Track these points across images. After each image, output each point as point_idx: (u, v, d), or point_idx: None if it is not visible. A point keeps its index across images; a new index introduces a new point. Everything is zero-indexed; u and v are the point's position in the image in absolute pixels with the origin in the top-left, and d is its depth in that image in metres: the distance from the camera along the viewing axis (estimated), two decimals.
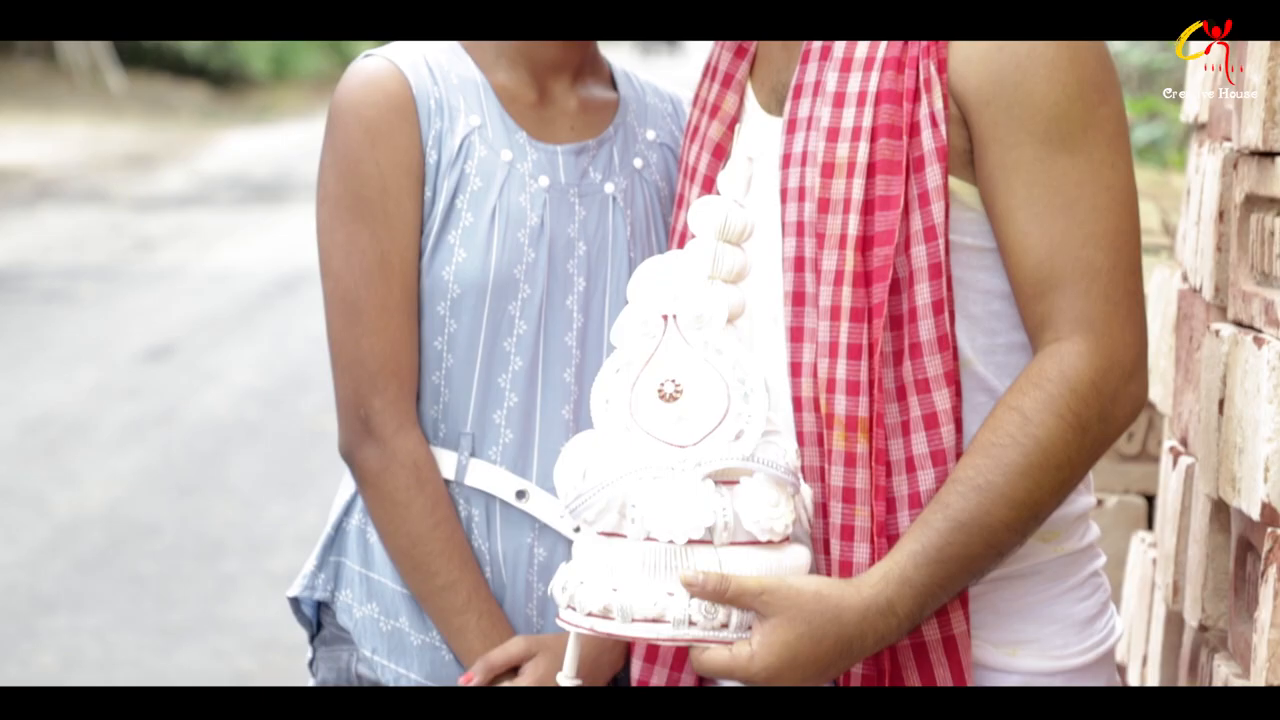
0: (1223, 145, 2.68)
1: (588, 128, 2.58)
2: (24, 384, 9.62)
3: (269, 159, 20.35)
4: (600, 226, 2.55)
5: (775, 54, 2.44)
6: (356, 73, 2.52)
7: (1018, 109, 2.23)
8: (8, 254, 13.50)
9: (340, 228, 2.48)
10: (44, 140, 20.74)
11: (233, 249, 14.11)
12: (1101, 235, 2.24)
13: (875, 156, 2.27)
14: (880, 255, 2.27)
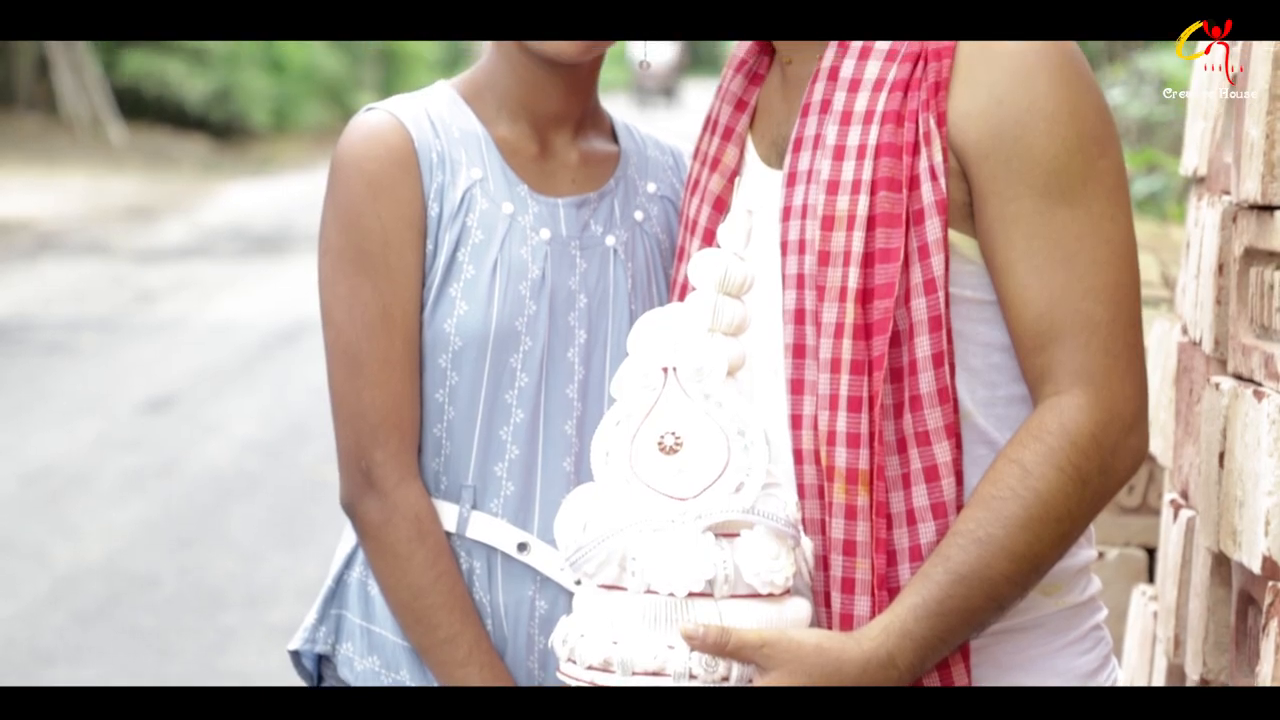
0: (1222, 199, 2.68)
1: (589, 180, 2.59)
2: (25, 436, 9.61)
3: (270, 210, 20.39)
4: (601, 279, 2.55)
5: (775, 107, 2.45)
6: (358, 126, 2.53)
7: (1017, 162, 2.24)
8: (9, 306, 13.51)
9: (342, 280, 2.49)
10: (45, 192, 20.78)
11: (233, 300, 14.12)
12: (1101, 288, 2.24)
13: (875, 209, 2.28)
14: (880, 308, 2.27)
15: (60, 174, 22.48)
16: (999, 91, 2.25)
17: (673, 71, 37.15)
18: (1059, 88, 2.24)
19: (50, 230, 18.03)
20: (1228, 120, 2.76)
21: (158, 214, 19.92)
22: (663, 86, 37.10)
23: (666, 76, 36.14)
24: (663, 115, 31.93)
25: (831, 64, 2.35)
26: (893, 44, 2.31)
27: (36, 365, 11.37)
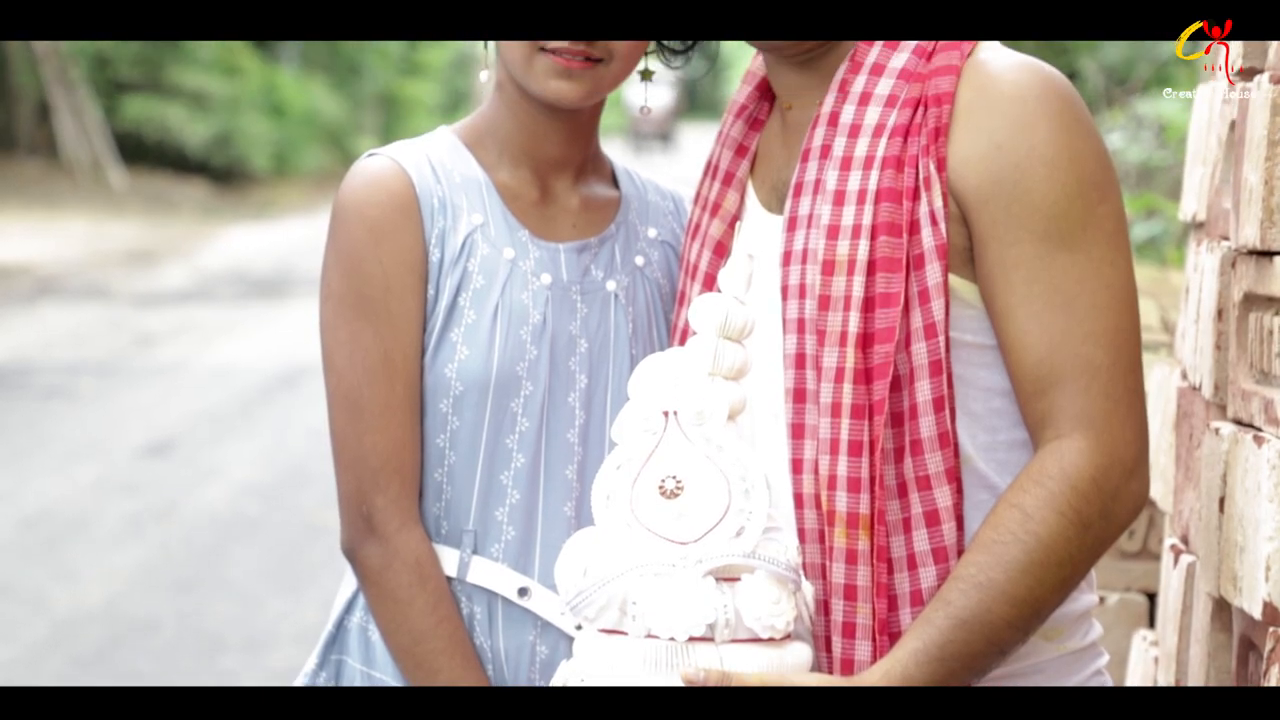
0: (1221, 244, 2.69)
1: (590, 225, 2.60)
2: (24, 480, 9.60)
3: (269, 254, 20.41)
4: (602, 324, 2.56)
5: (776, 152, 2.46)
6: (360, 172, 2.53)
7: (1017, 207, 2.25)
8: (8, 351, 13.52)
9: (343, 325, 2.49)
10: (45, 237, 20.80)
11: (233, 344, 14.12)
12: (1101, 333, 2.25)
13: (875, 254, 2.29)
14: (881, 352, 2.28)
15: (61, 218, 22.51)
16: (999, 137, 2.26)
17: (669, 116, 36.75)
18: (1058, 133, 2.25)
19: (50, 274, 18.05)
20: (1226, 166, 2.77)
21: (158, 258, 19.94)
22: (659, 131, 36.78)
23: (663, 121, 35.72)
24: (659, 160, 31.92)
25: (831, 109, 2.35)
26: (892, 90, 2.32)
27: (36, 409, 11.37)
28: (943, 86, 2.30)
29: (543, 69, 2.47)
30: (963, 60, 2.31)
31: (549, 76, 2.47)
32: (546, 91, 2.48)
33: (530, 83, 2.49)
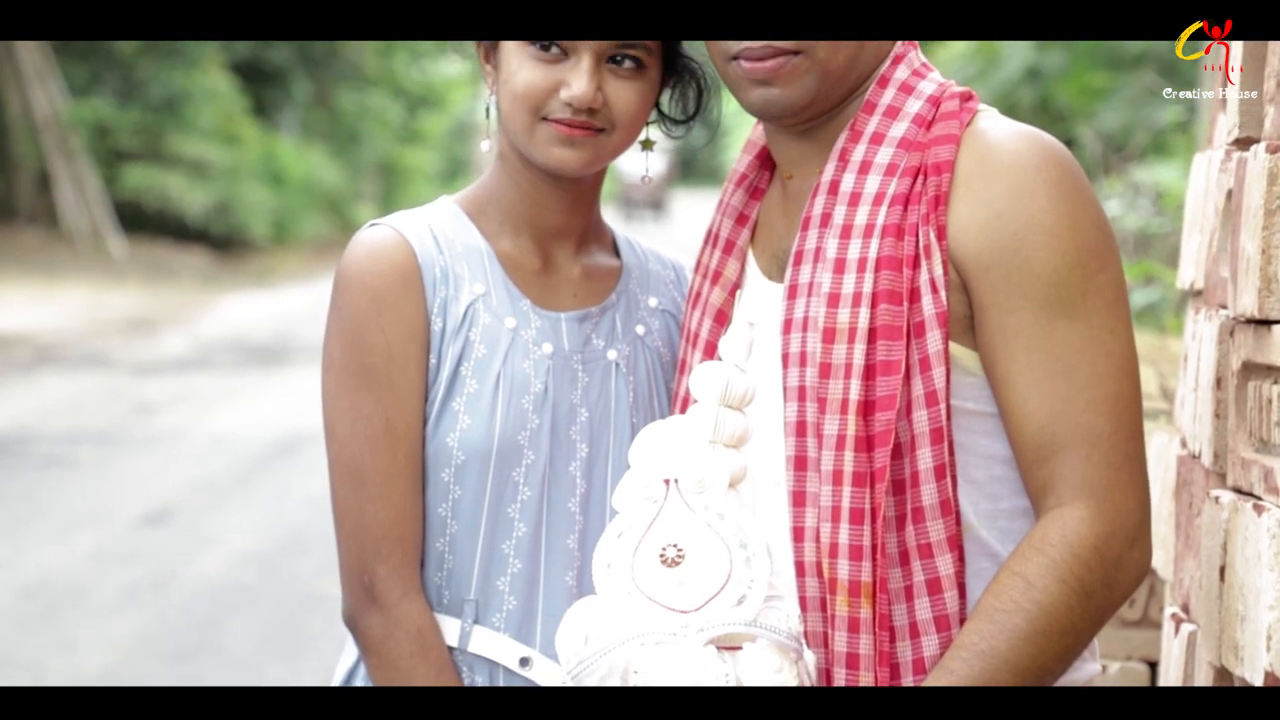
0: (1219, 312, 2.69)
1: (591, 295, 2.60)
2: (22, 550, 9.58)
3: (268, 322, 20.43)
4: (603, 393, 2.56)
5: (776, 221, 2.47)
6: (362, 241, 2.54)
7: (1017, 275, 2.25)
8: (7, 420, 13.50)
9: (345, 395, 2.50)
10: (45, 306, 20.82)
11: (231, 412, 14.11)
12: (1102, 400, 2.25)
13: (876, 322, 2.29)
14: (882, 420, 2.28)
15: (60, 287, 22.54)
16: (999, 205, 2.27)
17: (662, 184, 36.12)
18: (1058, 201, 2.26)
19: (49, 343, 18.05)
20: (1224, 234, 2.77)
21: (157, 326, 19.95)
22: (651, 199, 36.25)
23: (654, 189, 35.01)
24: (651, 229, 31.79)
25: (832, 178, 2.37)
26: (892, 158, 2.33)
27: (34, 478, 11.35)
28: (942, 155, 2.31)
29: (545, 137, 2.48)
30: (962, 129, 2.33)
31: (551, 145, 2.48)
32: (549, 160, 2.49)
33: (532, 151, 2.50)
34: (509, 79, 2.50)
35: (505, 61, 2.51)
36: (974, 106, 2.37)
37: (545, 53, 2.48)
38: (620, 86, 2.49)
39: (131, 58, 25.56)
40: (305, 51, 29.43)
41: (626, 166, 2.62)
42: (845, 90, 2.39)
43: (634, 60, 2.49)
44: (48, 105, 24.62)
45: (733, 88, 2.42)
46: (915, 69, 2.41)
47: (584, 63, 2.46)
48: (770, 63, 2.34)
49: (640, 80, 2.50)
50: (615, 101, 2.48)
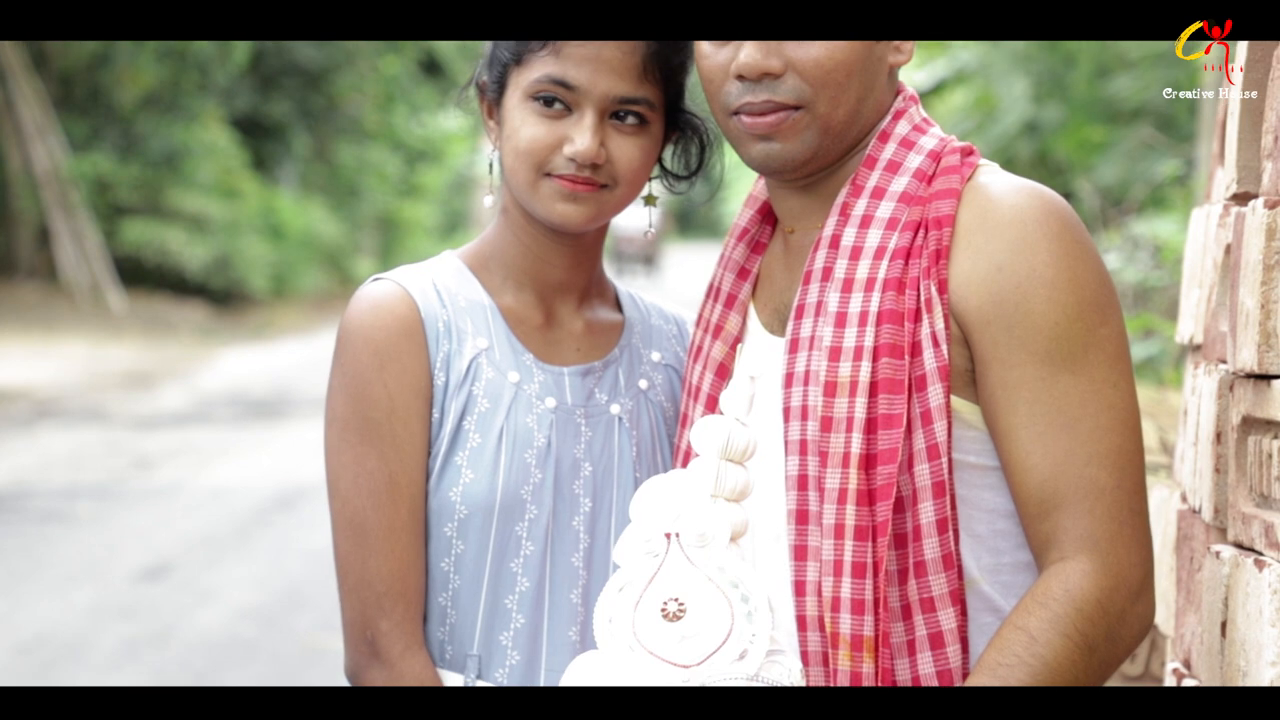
0: (1218, 367, 2.70)
1: (594, 349, 2.61)
2: (19, 605, 9.55)
3: (267, 376, 20.42)
4: (606, 447, 2.57)
5: (777, 275, 2.48)
6: (365, 296, 2.55)
7: (1019, 329, 2.26)
8: (5, 475, 13.48)
9: (348, 449, 2.50)
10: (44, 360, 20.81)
11: (230, 466, 14.10)
12: (1105, 454, 2.25)
13: (877, 376, 2.30)
14: (884, 473, 2.28)
15: (60, 342, 22.54)
16: (999, 259, 2.27)
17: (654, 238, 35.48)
18: (1059, 255, 2.27)
19: (48, 398, 18.04)
20: (1222, 289, 2.78)
21: (156, 380, 19.95)
22: (642, 254, 35.76)
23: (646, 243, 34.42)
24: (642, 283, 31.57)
25: (833, 232, 2.37)
26: (893, 213, 2.34)
27: (33, 534, 11.33)
28: (943, 209, 2.32)
29: (548, 193, 2.49)
30: (963, 183, 2.34)
31: (554, 200, 2.49)
32: (552, 215, 2.50)
33: (535, 206, 2.51)
34: (512, 134, 2.51)
35: (508, 117, 2.52)
36: (975, 161, 2.38)
37: (548, 108, 2.49)
38: (623, 142, 2.50)
39: (131, 113, 25.62)
40: (304, 106, 29.50)
41: (619, 220, 2.60)
42: (846, 145, 2.40)
43: (637, 116, 2.50)
44: (48, 160, 24.66)
45: (734, 142, 2.43)
46: (916, 124, 2.42)
47: (587, 118, 2.48)
48: (771, 117, 2.35)
49: (643, 136, 2.51)
50: (618, 157, 2.50)
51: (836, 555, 2.28)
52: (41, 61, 25.27)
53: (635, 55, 2.49)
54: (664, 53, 2.51)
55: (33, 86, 24.33)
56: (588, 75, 2.48)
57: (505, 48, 2.54)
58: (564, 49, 2.48)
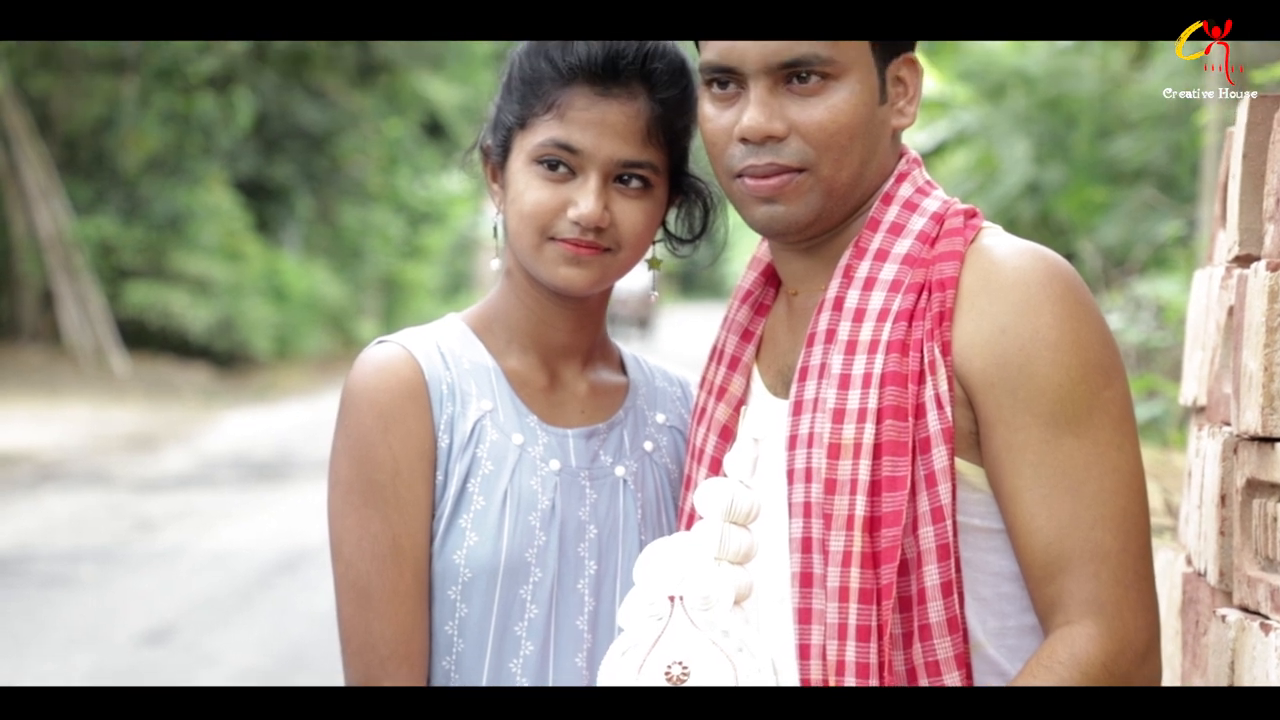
0: (1222, 429, 2.70)
1: (598, 411, 2.61)
2: (22, 669, 9.52)
3: (270, 438, 20.41)
4: (611, 509, 2.56)
5: (781, 337, 2.48)
6: (369, 359, 2.55)
7: (1023, 391, 2.26)
8: (9, 538, 13.46)
9: (352, 512, 2.50)
10: (48, 423, 20.81)
11: (232, 529, 14.07)
12: (1110, 517, 2.25)
13: (881, 438, 2.29)
14: (888, 536, 2.27)
15: (63, 405, 22.54)
16: (1003, 321, 2.28)
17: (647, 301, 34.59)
18: (1063, 318, 2.27)
19: (51, 461, 18.03)
20: (1226, 351, 2.78)
21: (159, 443, 19.94)
22: (636, 317, 35.12)
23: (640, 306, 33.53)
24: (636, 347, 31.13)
25: (836, 294, 2.38)
26: (896, 275, 2.35)
27: (35, 597, 11.31)
28: (947, 271, 2.32)
29: (552, 256, 2.50)
30: (966, 245, 2.34)
31: (558, 264, 2.50)
32: (555, 278, 2.51)
33: (539, 270, 2.52)
34: (516, 198, 2.52)
35: (513, 180, 2.53)
36: (978, 223, 2.39)
37: (553, 172, 2.50)
38: (627, 206, 2.51)
39: (135, 176, 25.71)
40: (308, 168, 29.60)
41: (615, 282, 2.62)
42: (849, 207, 2.41)
43: (641, 179, 2.51)
44: (52, 224, 24.73)
45: (738, 205, 2.43)
46: (919, 187, 2.43)
47: (591, 182, 2.48)
48: (775, 180, 2.36)
49: (647, 199, 2.52)
50: (622, 220, 2.50)
51: (841, 619, 2.27)
52: (46, 125, 25.37)
53: (639, 119, 2.50)
54: (668, 116, 2.52)
55: (37, 150, 24.41)
56: (592, 139, 2.48)
57: (509, 112, 2.55)
58: (568, 112, 2.49)
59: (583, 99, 2.50)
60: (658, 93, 2.51)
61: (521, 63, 2.55)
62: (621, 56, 2.49)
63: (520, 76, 2.54)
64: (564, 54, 2.50)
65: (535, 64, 2.53)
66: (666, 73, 2.52)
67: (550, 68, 2.51)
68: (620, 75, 2.50)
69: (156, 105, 25.61)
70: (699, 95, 2.44)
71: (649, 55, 2.51)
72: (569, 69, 2.50)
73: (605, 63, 2.49)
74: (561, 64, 2.50)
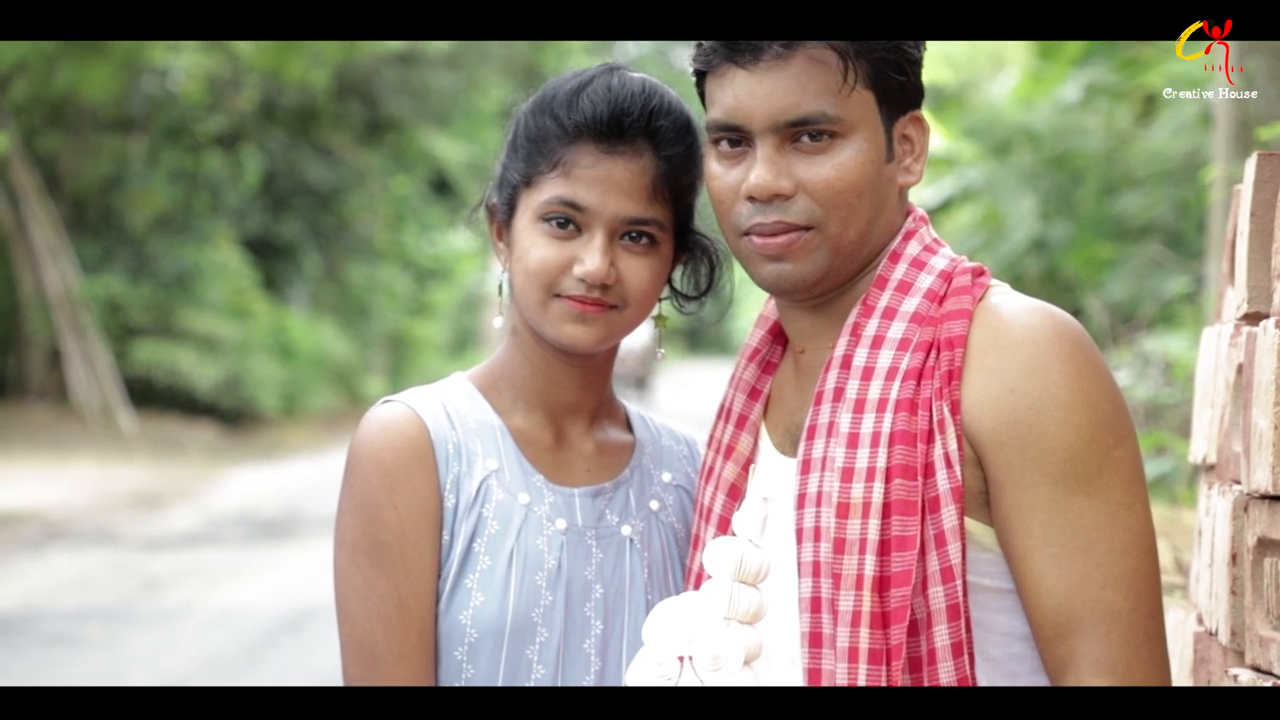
0: (1232, 488, 2.68)
1: (604, 470, 2.60)
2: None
3: (277, 496, 20.40)
4: (617, 569, 2.55)
5: (789, 395, 2.47)
6: (375, 418, 2.55)
7: (1032, 450, 2.25)
8: (14, 598, 13.44)
9: (358, 573, 2.49)
10: (54, 482, 20.81)
11: (239, 587, 14.05)
12: (1121, 577, 2.24)
13: (890, 497, 2.28)
14: (898, 596, 2.26)
15: (70, 463, 22.55)
16: (1012, 380, 2.27)
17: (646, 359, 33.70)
18: (1072, 377, 2.26)
19: (58, 519, 18.02)
20: (1235, 409, 2.77)
21: (165, 501, 19.93)
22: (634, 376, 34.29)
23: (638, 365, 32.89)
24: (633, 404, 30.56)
25: (844, 352, 2.37)
26: (905, 333, 2.34)
27: (40, 657, 11.28)
28: (955, 330, 2.32)
29: (558, 314, 2.50)
30: (974, 304, 2.34)
31: (564, 321, 2.50)
32: (561, 336, 2.50)
33: (545, 327, 2.51)
34: (522, 255, 2.52)
35: (519, 238, 2.53)
36: (986, 282, 2.38)
37: (559, 229, 2.50)
38: (633, 263, 2.51)
39: (143, 235, 25.79)
40: (315, 226, 29.68)
41: None
42: (857, 265, 2.41)
43: (647, 237, 2.51)
44: (60, 282, 24.79)
45: (745, 263, 2.43)
46: (927, 244, 2.43)
47: (597, 239, 2.49)
48: (782, 238, 2.36)
49: (653, 256, 2.52)
50: (628, 277, 2.50)
51: (850, 679, 2.26)
52: (54, 184, 25.47)
53: (645, 176, 2.50)
54: (673, 173, 2.52)
55: (45, 209, 24.50)
56: (598, 196, 2.49)
57: (514, 170, 2.55)
58: (573, 170, 2.49)
59: (588, 156, 2.50)
60: (663, 150, 2.52)
61: (526, 121, 2.55)
62: (627, 114, 2.50)
63: (525, 135, 2.54)
64: (569, 112, 2.51)
65: (540, 122, 2.53)
66: (671, 130, 2.52)
67: (556, 125, 2.51)
68: (625, 133, 2.50)
69: (164, 164, 25.71)
70: (705, 153, 2.44)
71: (654, 112, 2.51)
72: (574, 127, 2.50)
73: (611, 120, 2.50)
74: (567, 122, 2.50)
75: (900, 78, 2.37)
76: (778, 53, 2.34)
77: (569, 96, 2.52)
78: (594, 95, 2.51)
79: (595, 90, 2.51)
